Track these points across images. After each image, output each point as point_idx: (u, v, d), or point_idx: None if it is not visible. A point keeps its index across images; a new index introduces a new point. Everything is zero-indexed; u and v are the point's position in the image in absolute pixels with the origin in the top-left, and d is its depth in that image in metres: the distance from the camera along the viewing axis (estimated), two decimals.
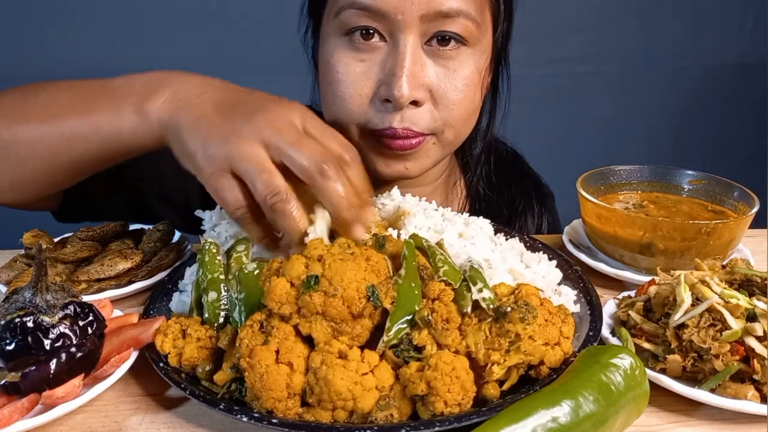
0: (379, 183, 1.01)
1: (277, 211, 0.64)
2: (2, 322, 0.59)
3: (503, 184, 1.12)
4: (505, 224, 1.06)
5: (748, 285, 0.69)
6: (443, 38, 0.86)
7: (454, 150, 1.00)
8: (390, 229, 0.73)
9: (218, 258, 0.68)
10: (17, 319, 0.59)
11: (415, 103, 0.86)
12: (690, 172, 0.95)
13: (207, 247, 0.69)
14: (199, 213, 0.84)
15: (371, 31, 0.85)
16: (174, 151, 0.71)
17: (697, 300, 0.65)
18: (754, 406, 0.58)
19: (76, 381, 0.58)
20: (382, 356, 0.58)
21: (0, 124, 0.78)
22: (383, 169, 0.93)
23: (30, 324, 0.59)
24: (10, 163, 0.79)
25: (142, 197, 1.03)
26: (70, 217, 0.98)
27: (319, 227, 0.66)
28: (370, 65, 0.87)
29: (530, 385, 0.60)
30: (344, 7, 0.85)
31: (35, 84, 0.83)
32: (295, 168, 0.64)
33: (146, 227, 0.95)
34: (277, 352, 0.56)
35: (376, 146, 0.91)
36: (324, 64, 0.91)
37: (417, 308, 0.59)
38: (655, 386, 0.61)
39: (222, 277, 0.67)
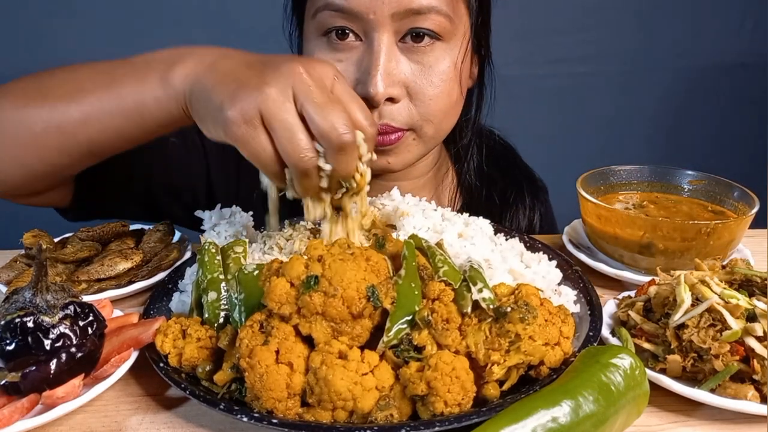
0: None
1: (301, 172, 0.63)
2: (2, 322, 0.59)
3: (495, 175, 1.13)
4: (497, 216, 1.06)
5: (748, 285, 0.69)
6: (417, 35, 0.87)
7: (436, 144, 1.01)
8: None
9: (217, 258, 0.69)
10: (17, 319, 0.59)
11: (391, 99, 0.88)
12: (690, 172, 0.95)
13: (206, 248, 0.69)
14: (199, 213, 0.85)
15: (347, 31, 0.87)
16: (197, 114, 0.69)
17: (697, 300, 0.65)
18: (754, 406, 0.58)
19: (76, 381, 0.58)
20: (382, 356, 0.58)
21: (13, 105, 0.77)
22: None
23: (30, 324, 0.59)
24: (22, 145, 0.77)
25: (151, 195, 1.04)
26: (79, 216, 0.98)
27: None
28: (347, 65, 0.88)
29: (530, 385, 0.60)
30: (320, 8, 0.87)
31: (52, 68, 0.82)
32: (316, 130, 0.63)
33: (146, 227, 0.95)
34: (277, 352, 0.56)
35: None
36: None
37: (417, 308, 0.59)
38: (655, 386, 0.61)
39: (221, 277, 0.67)
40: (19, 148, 0.78)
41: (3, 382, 0.58)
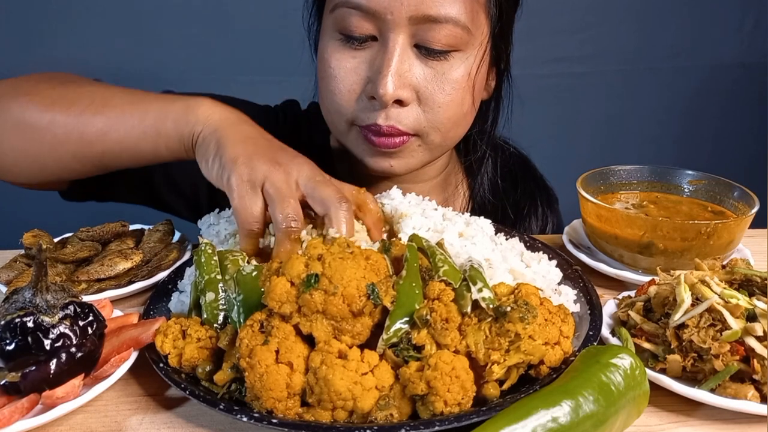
0: (372, 179, 1.02)
1: (288, 235, 0.68)
2: (2, 322, 0.59)
3: (509, 187, 1.12)
4: (509, 227, 1.06)
5: (748, 285, 0.69)
6: (430, 49, 0.87)
7: (443, 152, 1.00)
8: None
9: (214, 258, 0.69)
10: (17, 319, 0.59)
11: (400, 102, 0.87)
12: (690, 172, 0.95)
13: (203, 248, 0.69)
14: (200, 223, 0.85)
15: (363, 30, 0.86)
16: (203, 154, 0.76)
17: (697, 300, 0.65)
18: (754, 406, 0.58)
19: (76, 381, 0.58)
20: (382, 356, 0.58)
21: (38, 107, 0.81)
22: (370, 164, 0.94)
23: (30, 324, 0.59)
24: (43, 146, 0.82)
25: (151, 186, 1.04)
26: (77, 196, 0.99)
27: None
28: (360, 62, 0.88)
29: (530, 385, 0.60)
30: (338, 4, 0.87)
31: (73, 75, 0.87)
32: (317, 201, 0.70)
33: (146, 227, 0.95)
34: (277, 352, 0.56)
35: (363, 142, 0.92)
36: (320, 58, 0.93)
37: (417, 307, 0.59)
38: (655, 386, 0.61)
39: (219, 277, 0.67)
40: (38, 149, 0.82)
41: (3, 382, 0.58)
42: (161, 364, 0.63)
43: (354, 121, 0.91)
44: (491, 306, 0.59)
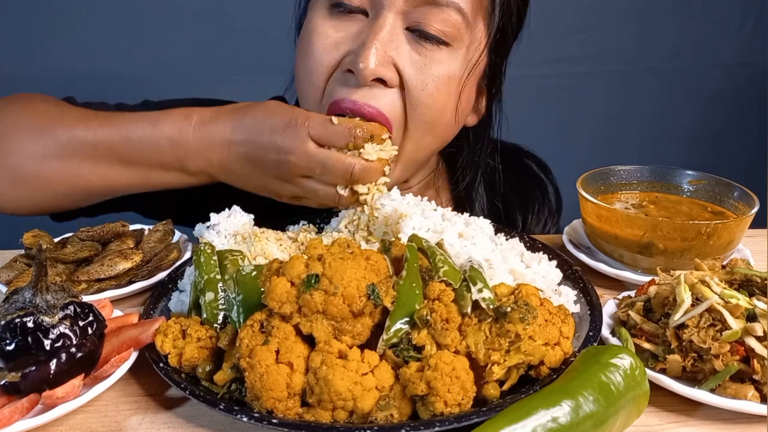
0: None
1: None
2: (2, 322, 0.59)
3: (513, 200, 1.08)
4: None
5: (748, 285, 0.69)
6: (424, 35, 0.81)
7: (410, 166, 0.92)
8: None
9: (213, 258, 0.69)
10: (17, 319, 0.59)
11: (382, 82, 0.80)
12: (690, 172, 0.94)
13: (202, 248, 0.69)
14: (195, 232, 0.85)
15: (356, 4, 0.81)
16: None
17: (697, 300, 0.65)
18: (754, 406, 0.58)
19: (76, 381, 0.58)
20: (383, 356, 0.58)
21: (30, 159, 0.86)
22: None
23: (30, 324, 0.59)
24: (36, 194, 0.88)
25: (140, 196, 1.03)
26: (65, 217, 0.98)
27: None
28: (344, 36, 0.82)
29: (530, 385, 0.60)
30: None
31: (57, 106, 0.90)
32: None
33: (146, 227, 0.95)
34: (277, 352, 0.57)
35: None
36: (303, 31, 0.87)
37: (417, 308, 0.59)
38: (655, 386, 0.61)
39: (218, 277, 0.67)
40: (36, 197, 0.89)
41: (3, 382, 0.59)
42: (161, 364, 0.63)
43: (322, 102, 0.84)
44: (491, 306, 0.59)
